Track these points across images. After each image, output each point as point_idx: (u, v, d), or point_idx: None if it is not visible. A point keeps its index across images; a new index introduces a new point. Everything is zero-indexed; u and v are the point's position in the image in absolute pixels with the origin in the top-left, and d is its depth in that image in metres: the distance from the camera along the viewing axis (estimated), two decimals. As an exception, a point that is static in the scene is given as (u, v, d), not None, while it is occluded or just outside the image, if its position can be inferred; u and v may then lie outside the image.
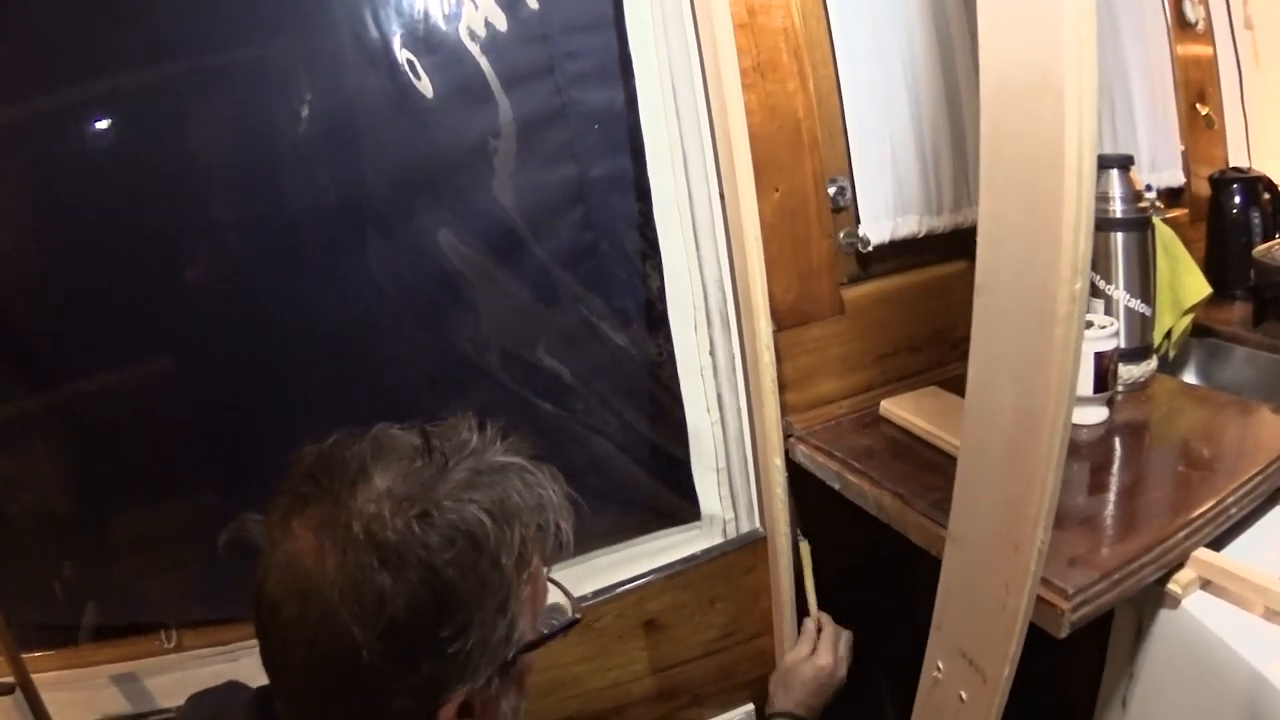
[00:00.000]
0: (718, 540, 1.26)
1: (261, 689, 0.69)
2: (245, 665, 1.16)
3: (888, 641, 1.46)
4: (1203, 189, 1.52)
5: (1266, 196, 1.48)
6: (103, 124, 1.03)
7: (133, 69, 1.01)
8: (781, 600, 1.26)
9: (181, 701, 1.04)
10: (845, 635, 1.24)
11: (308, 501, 0.61)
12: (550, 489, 0.67)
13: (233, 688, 0.81)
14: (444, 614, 0.59)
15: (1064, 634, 0.82)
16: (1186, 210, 1.52)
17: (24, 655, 1.03)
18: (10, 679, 1.02)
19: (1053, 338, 0.66)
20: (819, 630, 1.24)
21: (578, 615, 0.73)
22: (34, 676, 1.04)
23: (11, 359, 1.07)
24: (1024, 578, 0.73)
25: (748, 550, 1.26)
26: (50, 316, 1.07)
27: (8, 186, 1.04)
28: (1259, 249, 1.41)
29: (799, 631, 1.27)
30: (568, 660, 1.21)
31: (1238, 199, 1.48)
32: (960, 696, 0.85)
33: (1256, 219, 1.47)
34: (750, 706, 1.36)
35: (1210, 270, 1.42)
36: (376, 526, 0.58)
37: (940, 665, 0.89)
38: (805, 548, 1.28)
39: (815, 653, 1.20)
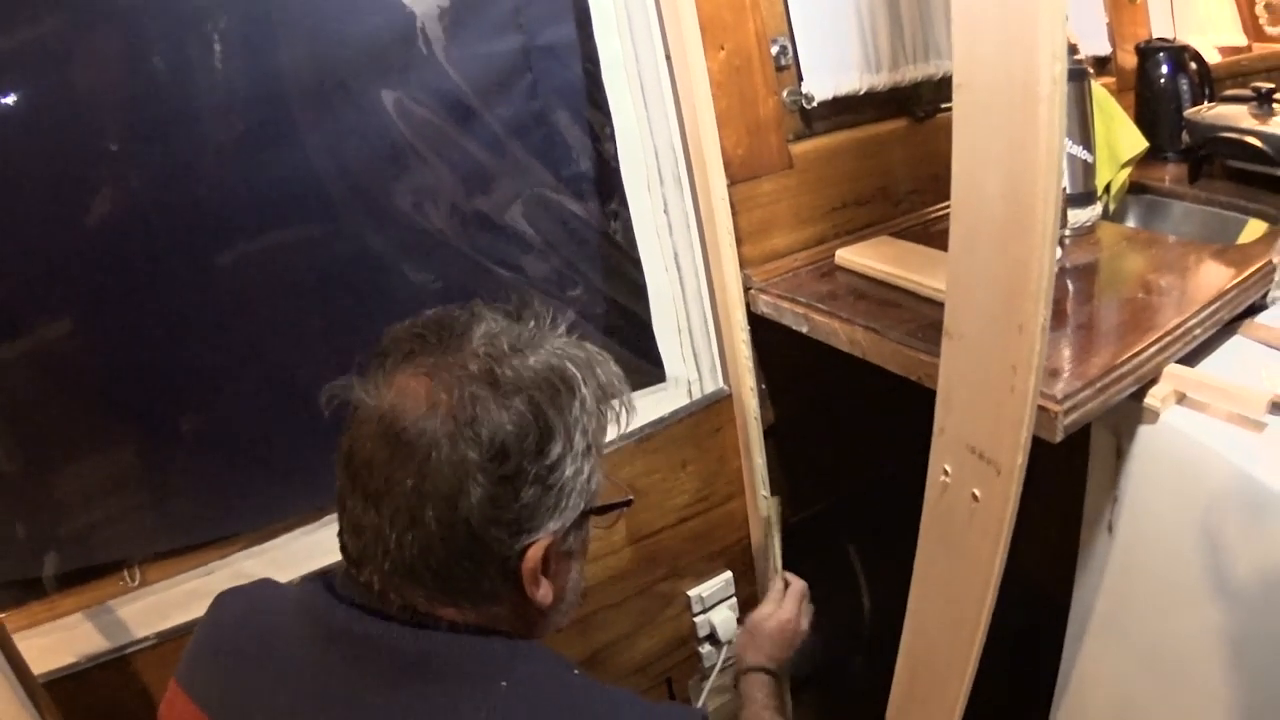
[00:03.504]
0: (684, 401, 1.27)
1: (315, 574, 0.71)
2: (219, 579, 1.15)
3: (852, 506, 1.49)
4: (1128, 61, 1.58)
5: (1194, 66, 1.53)
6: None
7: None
8: (751, 460, 1.28)
9: (157, 628, 1.04)
10: (805, 588, 1.24)
11: (416, 354, 0.65)
12: (616, 367, 0.73)
13: (268, 582, 0.82)
14: (545, 443, 0.64)
15: (1059, 438, 0.85)
16: (1114, 79, 1.58)
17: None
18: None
19: (1037, 118, 0.67)
20: (785, 586, 1.23)
21: (630, 496, 0.78)
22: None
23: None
24: (1030, 356, 0.74)
25: (714, 410, 1.27)
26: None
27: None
28: (1190, 111, 1.47)
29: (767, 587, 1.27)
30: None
31: (1165, 68, 1.53)
32: (974, 495, 0.83)
33: (1185, 86, 1.52)
34: (729, 574, 1.36)
35: (1141, 135, 1.46)
36: (490, 364, 0.63)
37: (947, 468, 0.86)
38: (775, 502, 1.30)
39: (780, 608, 1.20)
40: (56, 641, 1.08)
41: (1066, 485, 1.08)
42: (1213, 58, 1.60)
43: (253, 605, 0.76)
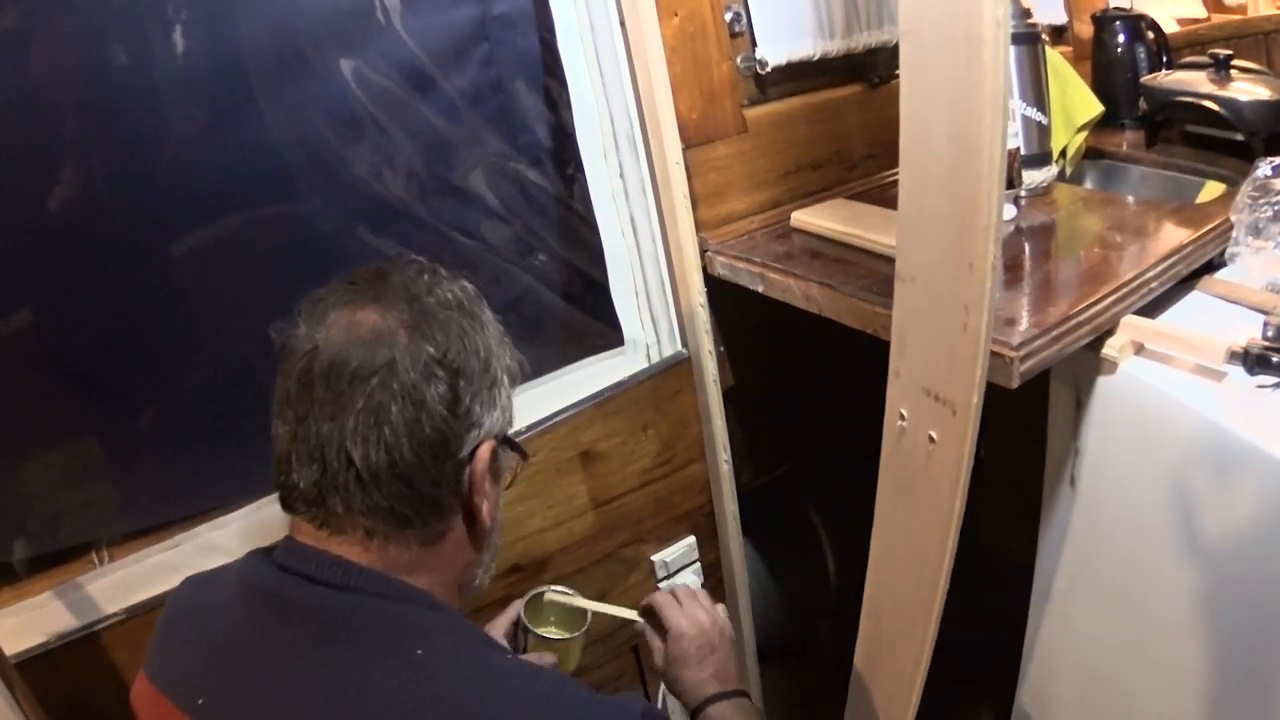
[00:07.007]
0: (643, 365, 1.28)
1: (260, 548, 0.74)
2: (184, 552, 1.15)
3: (814, 469, 1.50)
4: (1085, 31, 1.60)
5: (1151, 35, 1.55)
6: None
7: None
8: (711, 423, 1.29)
9: (124, 604, 1.05)
10: (681, 588, 1.00)
11: (354, 295, 0.70)
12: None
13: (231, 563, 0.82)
14: (486, 360, 0.71)
15: (1015, 384, 0.86)
16: (1070, 48, 1.60)
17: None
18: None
19: (982, 60, 0.69)
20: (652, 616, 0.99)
21: (527, 452, 0.82)
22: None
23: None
24: (981, 295, 0.74)
25: (673, 373, 1.29)
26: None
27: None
28: (1147, 78, 1.48)
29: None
30: (509, 500, 1.19)
31: (1122, 36, 1.55)
32: (930, 437, 0.84)
33: (1142, 54, 1.54)
34: (692, 539, 1.37)
35: (1098, 102, 1.48)
36: (421, 289, 0.71)
37: (904, 412, 0.87)
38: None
39: (670, 630, 0.95)
40: (26, 622, 1.07)
41: (1028, 455, 1.09)
42: (1170, 28, 1.62)
43: (201, 587, 0.77)
